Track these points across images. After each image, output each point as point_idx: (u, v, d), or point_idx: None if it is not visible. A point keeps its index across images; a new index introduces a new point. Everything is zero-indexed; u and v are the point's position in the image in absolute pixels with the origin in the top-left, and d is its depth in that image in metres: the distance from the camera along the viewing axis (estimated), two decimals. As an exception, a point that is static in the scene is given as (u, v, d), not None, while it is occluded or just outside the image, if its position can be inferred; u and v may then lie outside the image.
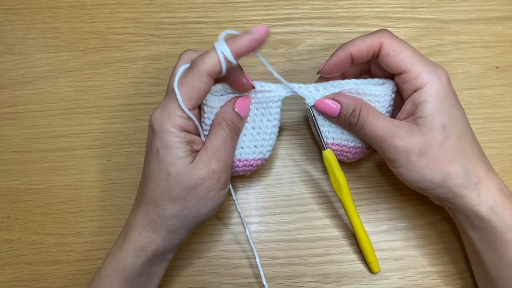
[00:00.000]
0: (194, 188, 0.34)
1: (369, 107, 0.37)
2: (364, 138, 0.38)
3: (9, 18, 0.49)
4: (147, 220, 0.35)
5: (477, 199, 0.35)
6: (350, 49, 0.37)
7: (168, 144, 0.34)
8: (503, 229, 0.34)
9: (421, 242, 0.44)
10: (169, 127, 0.33)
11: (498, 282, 0.36)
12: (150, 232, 0.35)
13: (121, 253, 0.35)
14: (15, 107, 0.47)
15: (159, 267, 0.38)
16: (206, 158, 0.35)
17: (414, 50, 0.36)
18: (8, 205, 0.45)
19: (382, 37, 0.36)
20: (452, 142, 0.34)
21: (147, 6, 0.49)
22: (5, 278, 0.43)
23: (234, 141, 0.37)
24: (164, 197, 0.34)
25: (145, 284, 0.37)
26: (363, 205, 0.44)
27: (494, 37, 0.48)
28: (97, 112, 0.47)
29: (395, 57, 0.35)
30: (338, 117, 0.38)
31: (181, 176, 0.34)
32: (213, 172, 0.35)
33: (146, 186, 0.35)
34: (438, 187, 0.35)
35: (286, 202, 0.45)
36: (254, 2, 0.49)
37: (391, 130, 0.35)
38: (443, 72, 0.36)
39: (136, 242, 0.35)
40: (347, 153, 0.40)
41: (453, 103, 0.35)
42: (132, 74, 0.48)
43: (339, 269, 0.43)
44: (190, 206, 0.35)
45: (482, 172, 0.35)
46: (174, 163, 0.34)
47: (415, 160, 0.35)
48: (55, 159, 0.46)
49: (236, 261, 0.43)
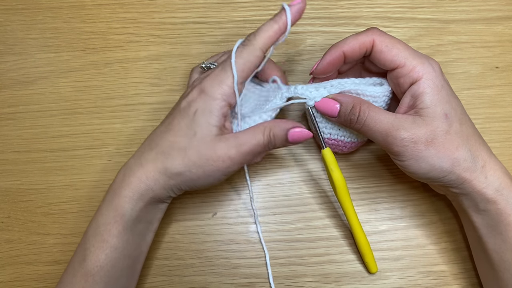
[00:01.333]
0: (206, 160, 0.36)
1: (368, 103, 0.37)
2: (366, 134, 0.37)
3: (10, 18, 0.49)
4: (151, 168, 0.36)
5: (485, 182, 0.35)
6: (343, 48, 0.38)
7: (209, 108, 0.35)
8: (507, 211, 0.35)
9: (421, 242, 0.44)
10: (217, 94, 0.35)
11: (500, 266, 0.36)
12: (150, 180, 0.36)
13: (119, 199, 0.36)
14: (16, 107, 0.47)
15: (155, 215, 0.39)
16: (231, 143, 0.36)
17: (406, 44, 0.37)
18: (8, 205, 0.45)
19: (373, 35, 0.37)
20: (456, 128, 0.35)
21: (147, 6, 0.49)
22: (5, 278, 0.43)
23: (263, 150, 0.38)
24: (180, 153, 0.36)
25: (142, 231, 0.38)
26: (363, 205, 0.44)
27: (494, 37, 0.48)
28: (97, 112, 0.47)
29: (388, 53, 0.36)
30: (338, 116, 0.38)
31: (203, 142, 0.35)
32: (229, 158, 0.36)
33: (164, 137, 0.36)
34: (447, 174, 0.36)
35: (286, 202, 0.45)
36: (254, 2, 0.49)
37: (395, 123, 0.35)
38: (436, 63, 0.37)
39: (134, 189, 0.36)
40: (343, 147, 0.42)
41: (449, 92, 0.36)
42: (132, 74, 0.48)
43: (339, 269, 0.43)
44: (194, 172, 0.36)
45: (486, 155, 0.36)
46: (204, 126, 0.35)
47: (423, 150, 0.35)
48: (55, 159, 0.46)
49: (236, 261, 0.43)
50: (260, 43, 0.35)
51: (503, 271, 0.36)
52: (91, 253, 0.35)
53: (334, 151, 0.42)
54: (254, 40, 0.35)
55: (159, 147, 0.36)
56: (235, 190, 0.45)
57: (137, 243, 0.37)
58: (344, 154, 0.45)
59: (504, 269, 0.36)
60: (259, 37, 0.35)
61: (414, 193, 0.45)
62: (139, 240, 0.38)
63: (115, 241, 0.35)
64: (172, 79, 0.47)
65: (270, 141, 0.37)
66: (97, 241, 0.35)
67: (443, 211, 0.44)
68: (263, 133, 0.37)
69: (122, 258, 0.36)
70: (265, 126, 0.37)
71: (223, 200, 0.45)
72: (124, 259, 0.36)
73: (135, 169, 0.36)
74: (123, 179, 0.36)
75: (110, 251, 0.35)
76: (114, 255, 0.35)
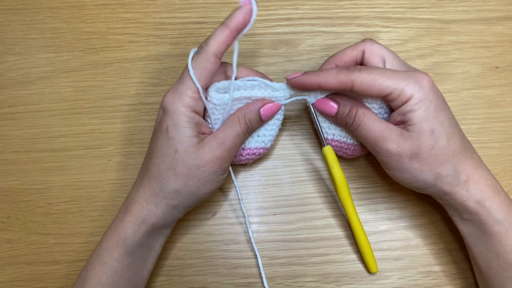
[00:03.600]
0: (197, 169, 0.36)
1: (365, 108, 0.38)
2: (359, 139, 0.39)
3: (10, 18, 0.49)
4: (149, 192, 0.37)
5: (466, 195, 0.36)
6: (320, 81, 0.37)
7: (178, 123, 0.36)
8: (490, 221, 0.36)
9: (421, 242, 0.44)
10: (180, 107, 0.36)
11: (488, 274, 0.37)
12: (151, 205, 0.37)
13: (122, 225, 0.37)
14: (16, 107, 0.47)
15: (157, 241, 0.39)
16: (214, 144, 0.36)
17: (387, 71, 0.36)
18: (8, 205, 0.45)
19: (352, 75, 0.35)
20: (442, 144, 0.35)
21: (147, 7, 0.49)
22: (5, 278, 0.43)
23: (245, 138, 0.39)
24: (168, 172, 0.36)
25: (144, 256, 0.38)
26: (363, 205, 0.44)
27: (494, 37, 0.48)
28: (97, 112, 0.47)
29: (371, 90, 0.35)
30: (335, 116, 0.39)
31: (187, 154, 0.36)
32: (218, 158, 0.36)
33: (152, 162, 0.37)
34: (429, 186, 0.37)
35: (286, 202, 0.45)
36: (254, 2, 0.49)
37: (385, 133, 0.36)
38: (425, 77, 0.36)
39: (137, 214, 0.37)
40: (346, 150, 0.42)
41: (439, 106, 0.36)
42: (132, 74, 0.48)
43: (339, 269, 0.43)
44: (191, 184, 0.36)
45: (470, 170, 0.36)
46: (182, 141, 0.36)
47: (407, 162, 0.36)
48: (55, 159, 0.46)
49: (236, 261, 0.43)
50: (213, 48, 0.35)
51: (491, 279, 0.37)
52: (93, 275, 0.36)
53: (338, 154, 0.42)
54: (206, 47, 0.36)
55: (150, 171, 0.37)
56: (235, 190, 0.45)
57: (138, 268, 0.38)
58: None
59: (492, 276, 0.36)
60: (210, 43, 0.36)
61: (414, 193, 0.44)
62: (140, 265, 0.38)
63: (116, 264, 0.36)
64: (172, 79, 0.47)
65: (248, 127, 0.38)
66: (99, 264, 0.36)
67: (443, 211, 0.44)
68: (239, 123, 0.38)
69: (122, 282, 0.36)
70: (238, 115, 0.38)
71: (223, 200, 0.45)
72: (125, 283, 0.36)
73: (135, 197, 0.37)
74: (126, 207, 0.37)
75: (111, 273, 0.36)
76: (114, 278, 0.36)
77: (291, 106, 0.46)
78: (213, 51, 0.36)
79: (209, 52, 0.36)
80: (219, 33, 0.36)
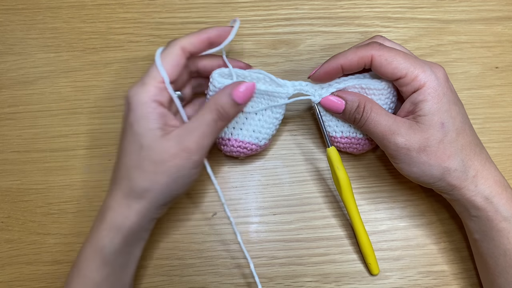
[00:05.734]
0: (163, 164, 0.34)
1: (372, 103, 0.38)
2: (367, 133, 0.39)
3: (9, 18, 0.49)
4: (121, 195, 0.35)
5: (474, 190, 0.36)
6: (341, 61, 0.38)
7: (140, 115, 0.34)
8: (498, 218, 0.35)
9: (421, 242, 0.44)
10: (142, 97, 0.34)
11: (495, 270, 0.37)
12: (124, 208, 0.35)
13: (98, 234, 0.35)
14: (15, 107, 0.47)
15: (136, 247, 0.37)
16: (180, 135, 0.34)
17: (407, 54, 0.37)
18: (8, 205, 0.45)
19: (372, 50, 0.36)
20: (451, 138, 0.35)
21: (147, 6, 0.49)
22: (5, 278, 0.43)
23: (218, 126, 0.36)
24: (136, 171, 0.34)
25: (124, 263, 0.37)
26: (363, 205, 0.44)
27: (494, 37, 0.48)
28: (97, 112, 0.47)
29: (388, 66, 0.36)
30: (343, 113, 0.39)
31: (151, 149, 0.34)
32: (183, 150, 0.34)
33: (120, 161, 0.36)
34: (437, 180, 0.36)
35: (286, 202, 0.45)
36: (254, 2, 0.49)
37: (393, 127, 0.36)
38: (440, 69, 0.37)
39: (111, 221, 0.35)
40: (357, 145, 0.41)
41: (451, 100, 0.36)
42: (132, 74, 0.48)
43: (339, 269, 0.43)
44: (160, 181, 0.34)
45: (479, 165, 0.36)
46: (145, 134, 0.34)
47: (415, 156, 0.36)
48: (55, 159, 0.46)
49: (236, 261, 0.43)
50: (180, 43, 0.36)
51: (498, 275, 0.36)
52: None
53: (348, 151, 0.42)
54: (174, 41, 0.37)
55: (119, 172, 0.36)
56: (235, 190, 0.45)
57: (118, 276, 0.37)
58: (344, 154, 0.45)
59: (498, 273, 0.36)
60: (179, 38, 0.37)
61: (414, 193, 0.45)
62: (121, 272, 0.37)
63: (95, 276, 0.35)
64: (172, 79, 0.47)
65: (221, 114, 0.36)
66: (78, 277, 0.35)
67: (443, 211, 0.44)
68: (210, 110, 0.35)
69: None
70: (209, 103, 0.36)
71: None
72: None
73: (108, 202, 0.36)
74: (100, 215, 0.36)
75: (92, 286, 0.35)
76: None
77: (291, 106, 0.46)
78: (180, 45, 0.36)
79: (176, 46, 0.36)
80: (191, 34, 0.37)
